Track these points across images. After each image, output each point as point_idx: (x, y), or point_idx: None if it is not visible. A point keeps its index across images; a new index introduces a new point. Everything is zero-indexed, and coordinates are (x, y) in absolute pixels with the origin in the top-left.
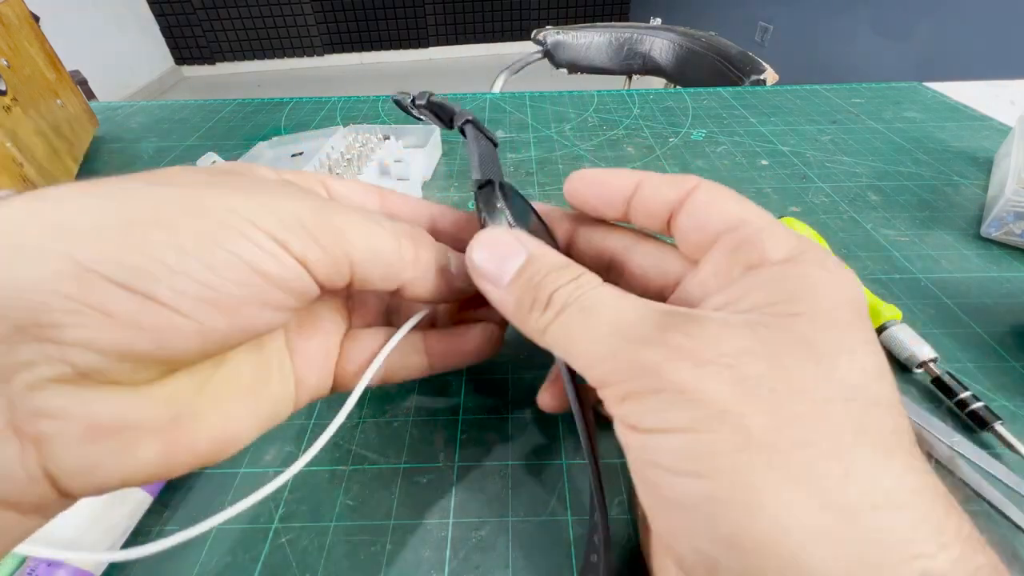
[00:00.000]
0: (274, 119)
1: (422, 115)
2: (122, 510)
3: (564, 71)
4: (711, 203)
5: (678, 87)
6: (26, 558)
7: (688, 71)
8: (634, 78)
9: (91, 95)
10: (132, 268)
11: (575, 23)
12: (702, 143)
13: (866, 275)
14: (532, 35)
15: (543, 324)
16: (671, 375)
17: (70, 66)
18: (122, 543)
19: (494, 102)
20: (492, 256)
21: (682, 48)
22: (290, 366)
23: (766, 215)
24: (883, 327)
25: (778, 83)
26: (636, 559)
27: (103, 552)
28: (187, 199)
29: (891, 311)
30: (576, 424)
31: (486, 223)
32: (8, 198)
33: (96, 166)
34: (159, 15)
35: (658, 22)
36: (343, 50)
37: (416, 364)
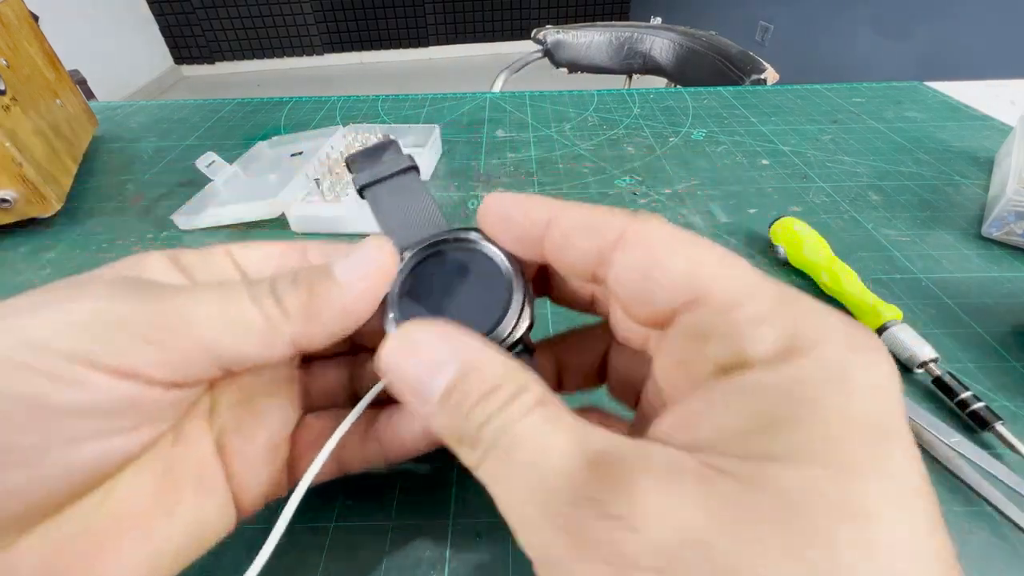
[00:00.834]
0: (274, 119)
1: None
2: None
3: (564, 70)
4: (653, 259)
5: (678, 86)
6: None
7: (688, 70)
8: (634, 77)
9: (90, 95)
10: None
11: (575, 22)
12: (702, 143)
13: (867, 275)
14: (532, 34)
15: (473, 463)
16: None
17: (69, 65)
18: None
19: (494, 101)
20: (412, 363)
21: (682, 47)
22: (221, 474)
23: (737, 265)
24: (884, 327)
25: (779, 82)
26: None
27: None
28: None
29: (892, 311)
30: None
31: (398, 309)
32: None
33: (95, 166)
34: (158, 14)
35: (658, 21)
36: (343, 49)
37: (374, 453)
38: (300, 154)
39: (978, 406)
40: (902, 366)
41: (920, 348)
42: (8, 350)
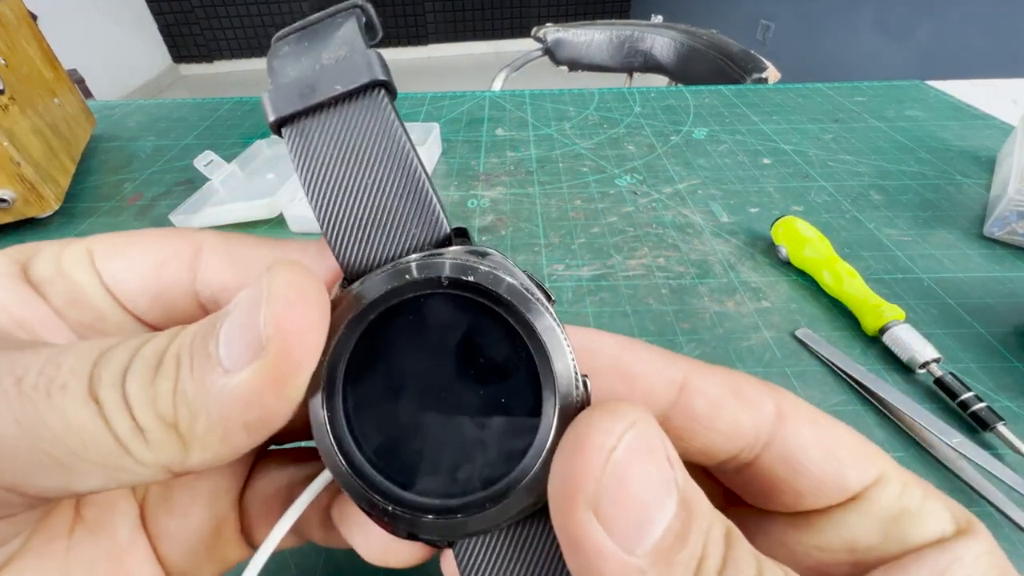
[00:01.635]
0: None
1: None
2: None
3: (565, 69)
4: (833, 437)
5: (679, 85)
6: None
7: (689, 69)
8: (635, 76)
9: (88, 94)
10: None
11: (576, 20)
12: (704, 141)
13: (869, 275)
14: (532, 32)
15: None
16: None
17: (68, 65)
18: None
19: (494, 100)
20: (617, 499)
21: (683, 46)
22: (152, 559)
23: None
24: (886, 327)
25: (780, 81)
26: None
27: None
28: None
29: (894, 311)
30: None
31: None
32: None
33: (93, 165)
34: (157, 13)
35: (659, 20)
36: None
37: (340, 542)
38: None
39: (979, 407)
40: (904, 367)
41: (922, 348)
42: None
